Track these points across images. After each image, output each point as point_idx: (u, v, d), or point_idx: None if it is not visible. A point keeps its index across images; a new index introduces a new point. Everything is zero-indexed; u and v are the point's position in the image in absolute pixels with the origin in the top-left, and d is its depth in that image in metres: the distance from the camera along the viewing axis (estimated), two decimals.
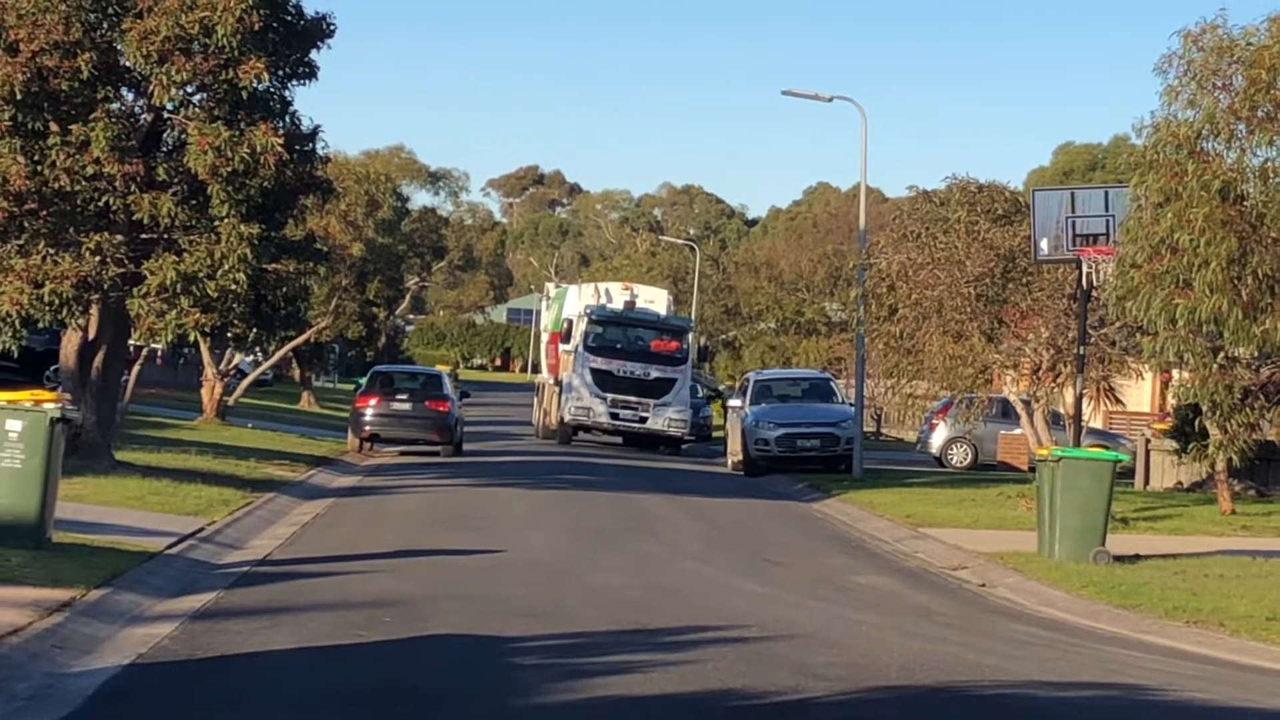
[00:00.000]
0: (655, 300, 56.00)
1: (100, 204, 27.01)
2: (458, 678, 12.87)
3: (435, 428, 42.85)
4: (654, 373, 51.42)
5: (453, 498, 30.70)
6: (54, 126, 26.68)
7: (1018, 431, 40.12)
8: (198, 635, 14.14)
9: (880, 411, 62.81)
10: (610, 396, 51.15)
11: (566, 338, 53.05)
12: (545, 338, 61.16)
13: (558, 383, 53.27)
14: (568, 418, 51.77)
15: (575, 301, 55.02)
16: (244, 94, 27.13)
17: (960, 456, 46.90)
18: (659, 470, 41.44)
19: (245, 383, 55.63)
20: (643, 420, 51.43)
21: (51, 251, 26.77)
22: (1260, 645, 16.95)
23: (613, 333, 52.43)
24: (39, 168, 26.42)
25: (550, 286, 65.94)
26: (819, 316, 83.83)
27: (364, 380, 46.68)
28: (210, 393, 48.84)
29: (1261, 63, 26.07)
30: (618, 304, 53.99)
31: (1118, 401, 38.28)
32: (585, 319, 52.28)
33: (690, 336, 54.38)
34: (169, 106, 27.60)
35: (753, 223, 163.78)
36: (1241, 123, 26.20)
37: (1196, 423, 30.27)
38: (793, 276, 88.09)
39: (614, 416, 51.51)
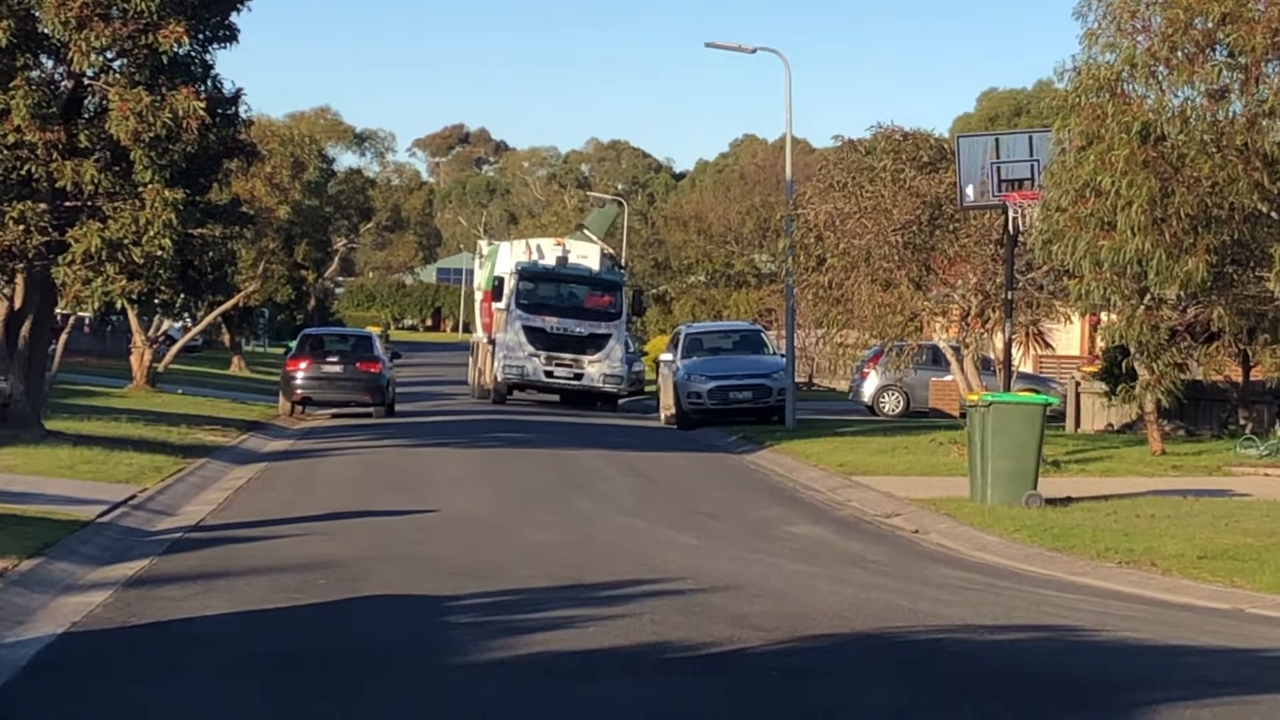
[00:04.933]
0: (588, 255, 55.40)
1: (22, 172, 26.83)
2: (393, 637, 12.88)
3: (367, 389, 42.73)
4: (588, 329, 51.15)
5: (386, 459, 30.65)
6: None
7: (948, 378, 40.29)
8: (132, 602, 14.10)
9: (813, 361, 62.96)
10: (545, 354, 50.80)
11: (499, 295, 52.49)
12: (479, 296, 60.53)
13: (491, 341, 52.91)
14: (502, 376, 51.38)
15: (507, 259, 54.49)
16: (164, 58, 26.92)
17: (892, 404, 47.04)
18: (593, 426, 41.44)
19: (174, 349, 55.34)
20: (579, 377, 51.05)
21: None
22: (1191, 583, 17.09)
23: (545, 289, 52.06)
24: None
25: (483, 244, 65.32)
26: (748, 268, 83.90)
27: (294, 344, 46.45)
28: (139, 360, 48.62)
29: (1179, 2, 26.23)
30: (550, 260, 53.52)
31: (1047, 346, 38.47)
32: (516, 275, 51.86)
33: (624, 291, 54.10)
34: (89, 73, 27.38)
35: (680, 176, 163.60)
36: (1161, 64, 26.38)
37: (1125, 364, 30.46)
38: (721, 229, 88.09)
39: (549, 374, 51.10)
